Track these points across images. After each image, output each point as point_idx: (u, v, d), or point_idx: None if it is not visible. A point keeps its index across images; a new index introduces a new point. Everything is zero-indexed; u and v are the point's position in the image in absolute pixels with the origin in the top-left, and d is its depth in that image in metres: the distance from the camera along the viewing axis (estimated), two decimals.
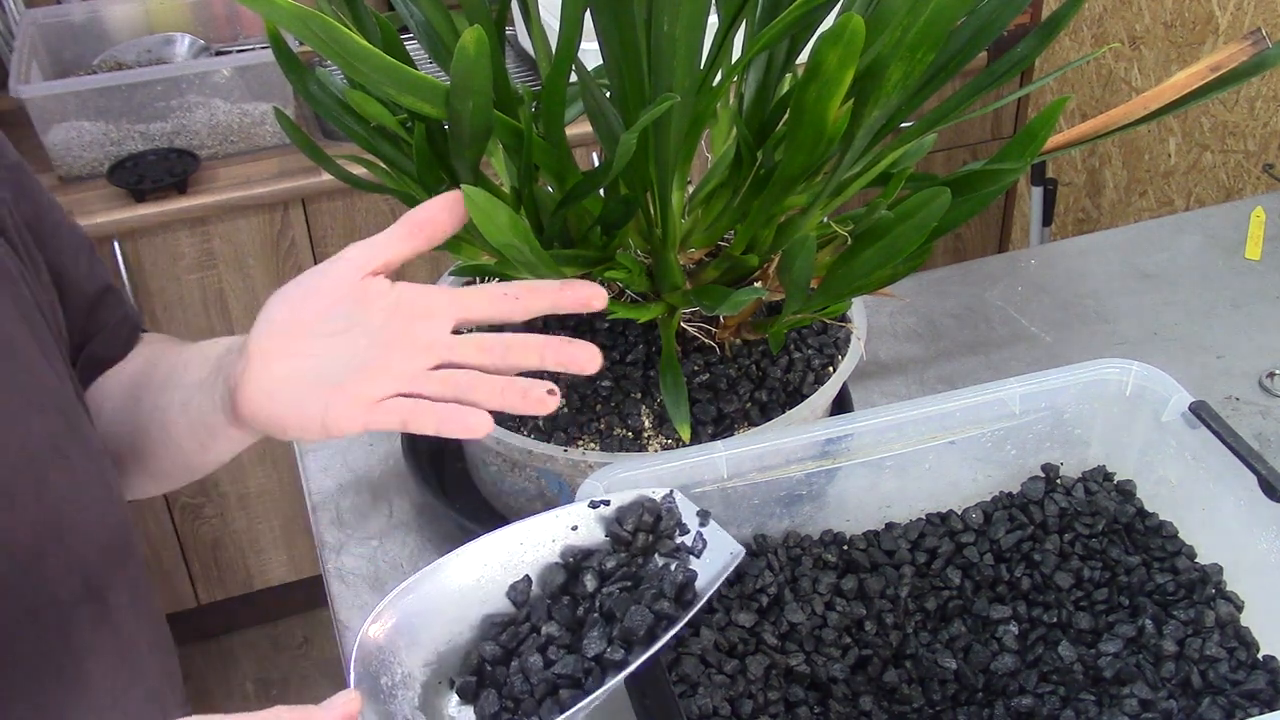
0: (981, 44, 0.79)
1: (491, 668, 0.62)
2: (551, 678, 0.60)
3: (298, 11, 0.64)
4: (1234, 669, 0.74)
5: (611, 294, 0.88)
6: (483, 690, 0.61)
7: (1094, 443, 0.88)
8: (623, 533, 0.67)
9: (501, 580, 0.65)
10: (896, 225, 0.74)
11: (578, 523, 0.67)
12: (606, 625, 0.62)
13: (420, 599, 0.62)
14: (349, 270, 0.64)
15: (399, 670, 0.60)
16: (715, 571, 0.66)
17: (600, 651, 0.61)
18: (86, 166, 1.71)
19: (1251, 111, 1.79)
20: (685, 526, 0.69)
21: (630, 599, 0.63)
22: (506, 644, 0.63)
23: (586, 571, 0.65)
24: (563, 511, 0.67)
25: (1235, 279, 1.26)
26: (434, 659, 0.62)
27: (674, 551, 0.67)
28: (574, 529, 0.67)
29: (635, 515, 0.67)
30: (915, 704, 0.75)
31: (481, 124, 0.72)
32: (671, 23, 0.66)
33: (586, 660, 0.61)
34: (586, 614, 0.63)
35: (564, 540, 0.67)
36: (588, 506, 0.67)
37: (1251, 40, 0.79)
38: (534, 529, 0.66)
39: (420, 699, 0.60)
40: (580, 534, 0.67)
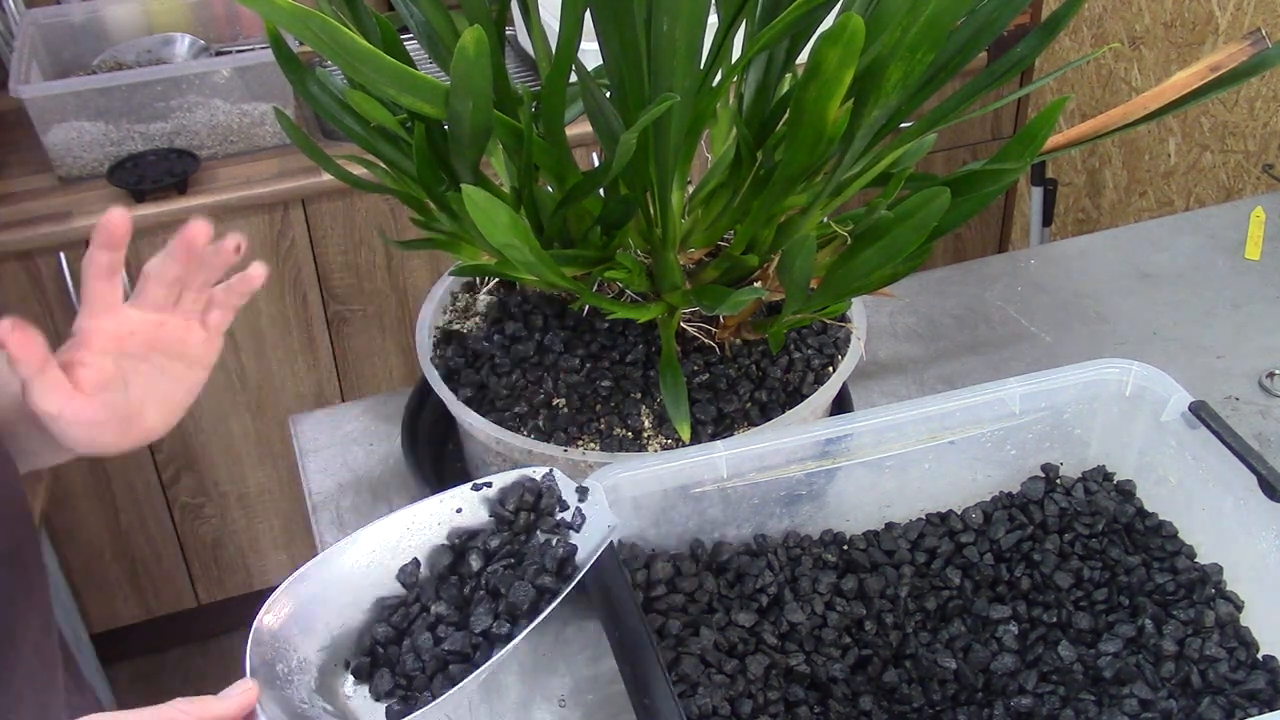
0: (981, 44, 0.79)
1: (384, 648, 0.64)
2: (442, 654, 0.63)
3: (298, 11, 0.64)
4: (1234, 669, 0.74)
5: (611, 294, 0.88)
6: (376, 670, 0.63)
7: (1094, 443, 0.88)
8: (505, 512, 0.69)
9: (391, 564, 0.67)
10: (896, 225, 0.74)
11: (462, 505, 0.69)
12: (493, 602, 0.65)
13: (313, 586, 0.64)
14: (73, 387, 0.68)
15: (294, 656, 0.62)
16: (594, 544, 0.68)
17: (487, 627, 0.63)
18: (86, 167, 1.71)
19: (1251, 111, 1.79)
20: (565, 503, 0.70)
21: (514, 575, 0.65)
22: (398, 624, 0.65)
23: (472, 551, 0.67)
24: (446, 495, 0.69)
25: (1235, 279, 1.26)
26: (328, 643, 0.64)
27: (554, 528, 0.69)
28: (458, 511, 0.69)
29: (517, 495, 0.70)
30: (915, 704, 0.75)
31: (481, 124, 0.72)
32: (671, 23, 0.67)
33: (474, 636, 0.63)
34: (473, 592, 0.66)
35: (449, 522, 0.69)
36: (470, 489, 0.69)
37: (1251, 40, 0.79)
38: (420, 513, 0.68)
39: (316, 681, 0.62)
40: (464, 515, 0.69)
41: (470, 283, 0.99)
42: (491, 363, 0.89)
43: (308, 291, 1.82)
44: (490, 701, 0.85)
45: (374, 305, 1.88)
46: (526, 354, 0.88)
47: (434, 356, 0.91)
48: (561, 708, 0.84)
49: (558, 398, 0.86)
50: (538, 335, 0.89)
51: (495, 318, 0.93)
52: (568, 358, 0.88)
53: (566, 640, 0.89)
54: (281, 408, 1.89)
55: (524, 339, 0.89)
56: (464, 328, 0.94)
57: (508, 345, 0.89)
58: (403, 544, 0.68)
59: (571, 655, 0.88)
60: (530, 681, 0.86)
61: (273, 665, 0.60)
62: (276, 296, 1.81)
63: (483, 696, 0.85)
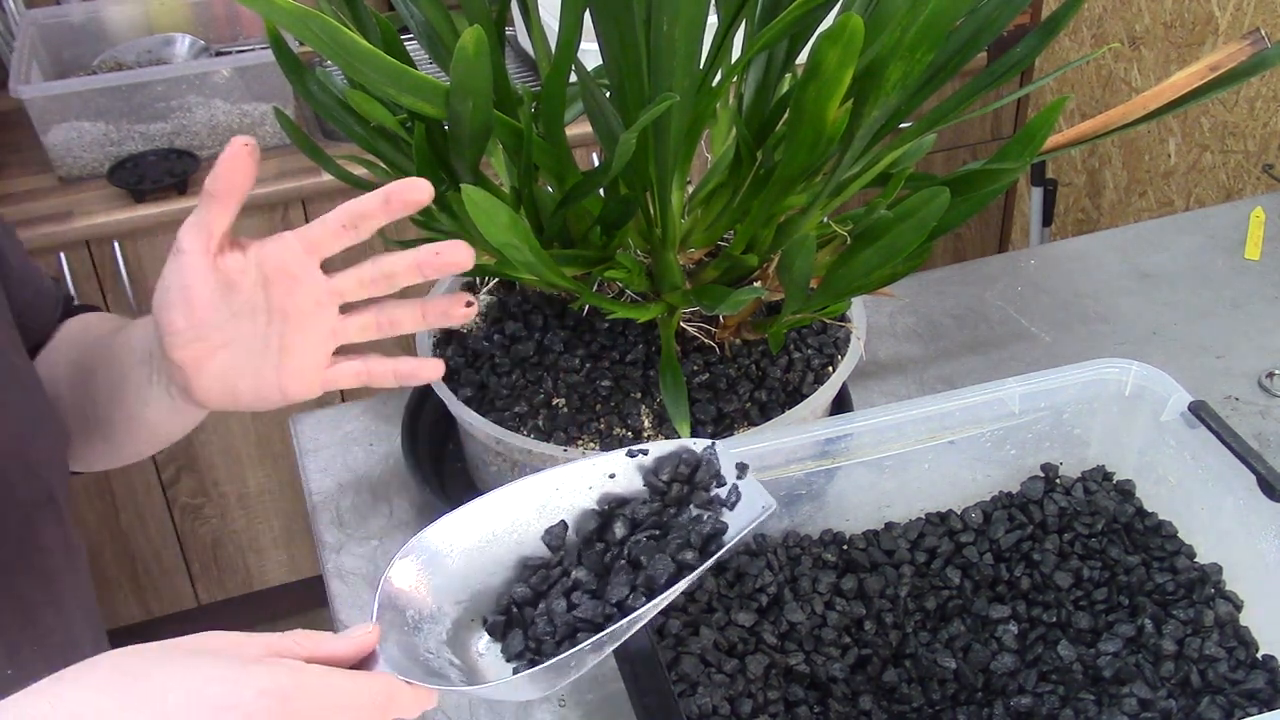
0: (981, 44, 0.79)
1: (520, 609, 0.62)
2: (573, 620, 0.61)
3: (298, 11, 0.64)
4: (1233, 668, 0.74)
5: (611, 294, 0.88)
6: (510, 630, 0.62)
7: (1093, 442, 0.88)
8: (658, 482, 0.67)
9: (537, 524, 0.65)
10: (896, 225, 0.74)
11: (615, 471, 0.67)
12: (632, 572, 0.63)
13: (454, 538, 0.62)
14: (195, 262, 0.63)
15: (429, 605, 0.60)
16: (744, 522, 0.65)
17: (623, 597, 0.61)
18: (86, 167, 1.71)
19: (1251, 111, 1.79)
20: (723, 479, 0.68)
21: (657, 547, 0.63)
22: (537, 586, 0.63)
23: (619, 519, 0.65)
24: (600, 459, 0.67)
25: (1235, 279, 1.26)
26: (466, 597, 0.62)
27: (708, 503, 0.67)
28: (611, 476, 0.67)
29: (672, 465, 0.67)
30: (915, 703, 0.75)
31: (481, 124, 0.72)
32: (671, 23, 0.67)
33: (609, 605, 0.61)
34: (614, 560, 0.64)
35: (601, 487, 0.67)
36: (626, 454, 0.67)
37: (1251, 40, 0.79)
38: (571, 475, 0.66)
39: (449, 634, 0.61)
40: (618, 482, 0.67)
41: (470, 283, 0.99)
42: (491, 363, 0.89)
43: None
44: (490, 701, 0.85)
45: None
46: (526, 354, 0.88)
47: (434, 356, 0.91)
48: (561, 707, 0.84)
49: (558, 398, 0.86)
50: (538, 335, 0.89)
51: (495, 318, 0.93)
52: (568, 358, 0.88)
53: None
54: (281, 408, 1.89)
55: (524, 339, 0.89)
56: (464, 328, 0.94)
57: (508, 345, 0.89)
58: (550, 504, 0.65)
59: None
60: None
61: (403, 610, 0.59)
62: None
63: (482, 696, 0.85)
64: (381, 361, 0.70)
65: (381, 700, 0.52)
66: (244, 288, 0.64)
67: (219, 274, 0.63)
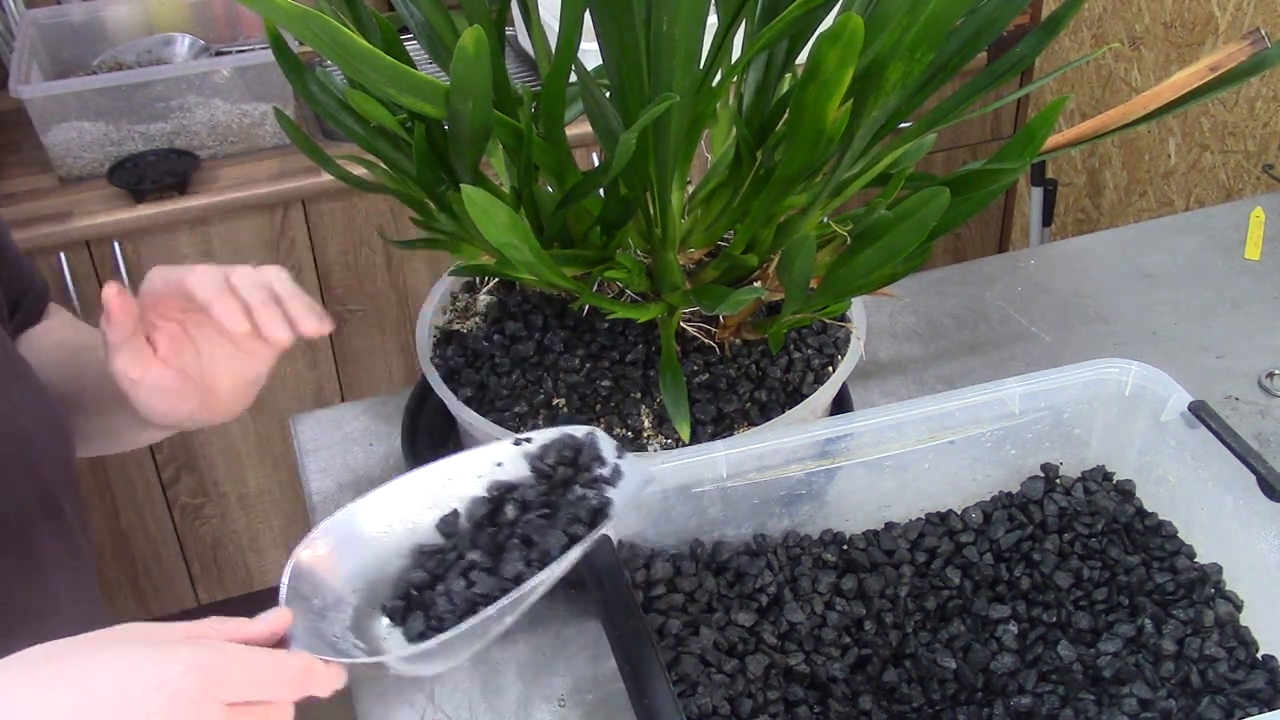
0: (981, 44, 0.79)
1: (419, 592, 0.65)
2: (473, 596, 0.64)
3: (298, 11, 0.64)
4: (1233, 668, 0.74)
5: (611, 294, 0.88)
6: (410, 613, 0.64)
7: (1093, 442, 0.88)
8: (544, 466, 0.70)
9: (431, 514, 0.68)
10: (896, 225, 0.74)
11: (502, 460, 0.70)
12: (525, 549, 0.66)
13: (353, 529, 0.66)
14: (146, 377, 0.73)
15: (331, 593, 0.63)
16: (630, 495, 0.69)
17: (518, 572, 0.64)
18: (86, 167, 1.71)
19: (1251, 111, 1.79)
20: (604, 460, 0.71)
21: (547, 525, 0.67)
22: (433, 571, 0.66)
23: (509, 502, 0.69)
24: (487, 449, 0.70)
25: (1235, 279, 1.26)
26: (364, 585, 0.65)
27: (592, 482, 0.70)
28: (499, 465, 0.70)
29: (557, 450, 0.70)
30: (915, 703, 0.75)
31: (481, 124, 0.72)
32: (671, 23, 0.67)
33: (505, 580, 0.64)
34: (507, 540, 0.67)
35: (490, 476, 0.70)
36: (511, 444, 0.70)
37: (1251, 40, 0.79)
38: (461, 465, 0.70)
39: (351, 620, 0.64)
40: (505, 469, 0.70)
41: (470, 283, 0.99)
42: (491, 363, 0.89)
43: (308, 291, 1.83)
44: (490, 701, 0.85)
45: (374, 305, 1.88)
46: (526, 354, 0.88)
47: (434, 356, 0.91)
48: (561, 707, 0.84)
49: (558, 398, 0.86)
50: (538, 335, 0.89)
51: (495, 318, 0.93)
52: (568, 358, 0.88)
53: (566, 640, 0.89)
54: (281, 408, 1.89)
55: (524, 339, 0.89)
56: (464, 328, 0.94)
57: (508, 345, 0.89)
58: (443, 494, 0.69)
59: (571, 655, 0.88)
60: (530, 681, 0.86)
61: (309, 599, 0.62)
62: None
63: (482, 696, 0.85)
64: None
65: (299, 675, 0.55)
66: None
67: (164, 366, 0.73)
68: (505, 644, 0.89)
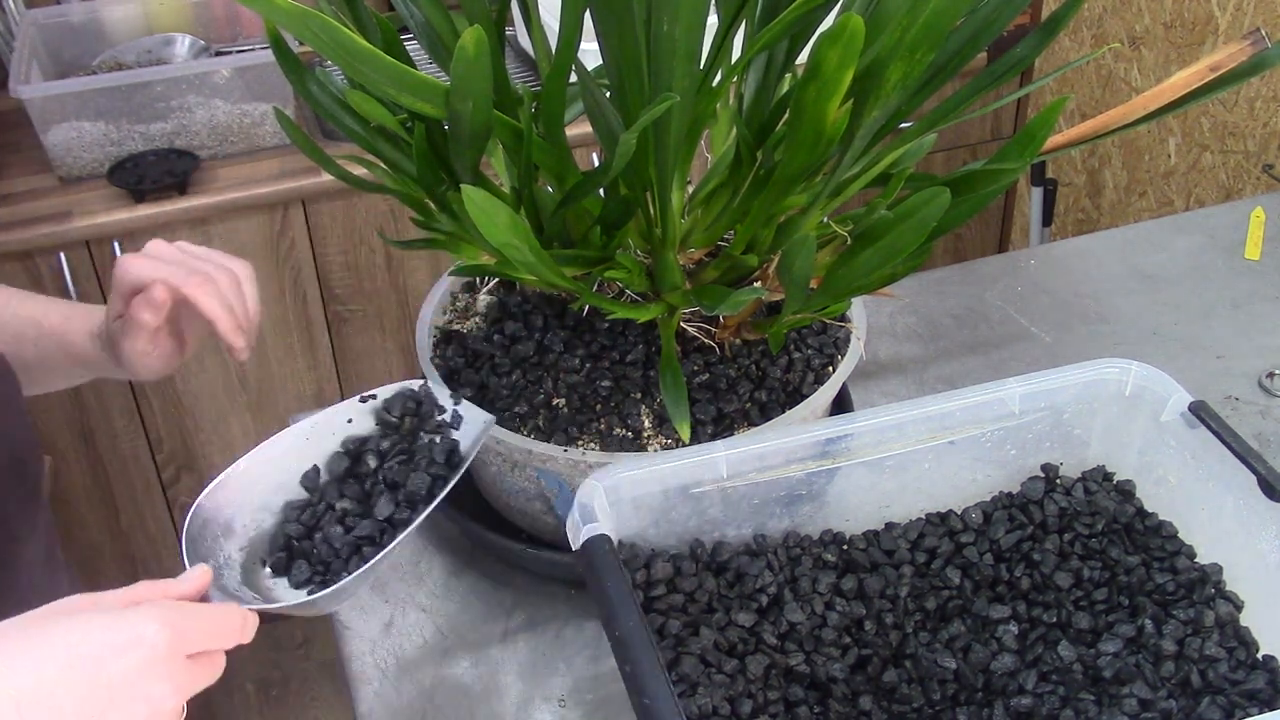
0: (981, 44, 0.79)
1: (298, 542, 0.73)
2: (353, 540, 0.72)
3: (298, 11, 0.64)
4: (1233, 669, 0.74)
5: (611, 294, 0.88)
6: (293, 563, 0.72)
7: (1094, 442, 0.88)
8: (391, 419, 0.79)
9: (295, 470, 0.76)
10: (896, 225, 0.74)
11: (352, 416, 0.79)
12: (392, 492, 0.74)
13: (228, 494, 0.73)
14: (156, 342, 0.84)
15: (220, 554, 0.71)
16: (474, 437, 0.78)
17: (390, 513, 0.73)
18: (86, 167, 1.71)
19: (1251, 111, 1.79)
20: (442, 407, 0.80)
21: (408, 469, 0.75)
22: (307, 522, 0.73)
23: (367, 454, 0.77)
24: (336, 408, 0.79)
25: (1235, 279, 1.26)
26: (246, 543, 0.73)
27: (437, 428, 0.79)
28: (349, 421, 0.78)
29: (400, 403, 0.79)
30: (915, 704, 0.75)
31: (481, 124, 0.72)
32: (671, 23, 0.67)
33: (380, 521, 0.73)
34: (373, 487, 0.75)
35: (343, 432, 0.78)
36: (358, 401, 0.79)
37: (1251, 40, 0.79)
38: (316, 425, 0.78)
39: (241, 577, 0.71)
40: (355, 425, 0.78)
41: (470, 283, 0.99)
42: (491, 363, 0.89)
43: (308, 291, 1.82)
44: (490, 701, 0.85)
45: (374, 305, 1.88)
46: (526, 354, 0.88)
47: (434, 356, 0.91)
48: (561, 707, 0.84)
49: (558, 398, 0.86)
50: (538, 335, 0.89)
51: (495, 318, 0.93)
52: (568, 358, 0.88)
53: (566, 640, 0.89)
54: (281, 408, 1.89)
55: (524, 339, 0.89)
56: (464, 328, 0.94)
57: (508, 345, 0.89)
58: (304, 453, 0.76)
59: (571, 655, 0.88)
60: (530, 681, 0.86)
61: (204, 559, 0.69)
62: (276, 296, 1.81)
63: (483, 696, 0.85)
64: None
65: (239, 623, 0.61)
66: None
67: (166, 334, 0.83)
68: (505, 644, 0.89)
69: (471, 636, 0.90)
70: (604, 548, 0.71)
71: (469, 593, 0.93)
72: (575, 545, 0.72)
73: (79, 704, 0.53)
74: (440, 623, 0.91)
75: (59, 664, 0.53)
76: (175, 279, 0.79)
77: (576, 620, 0.90)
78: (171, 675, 0.56)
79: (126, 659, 0.54)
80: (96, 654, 0.53)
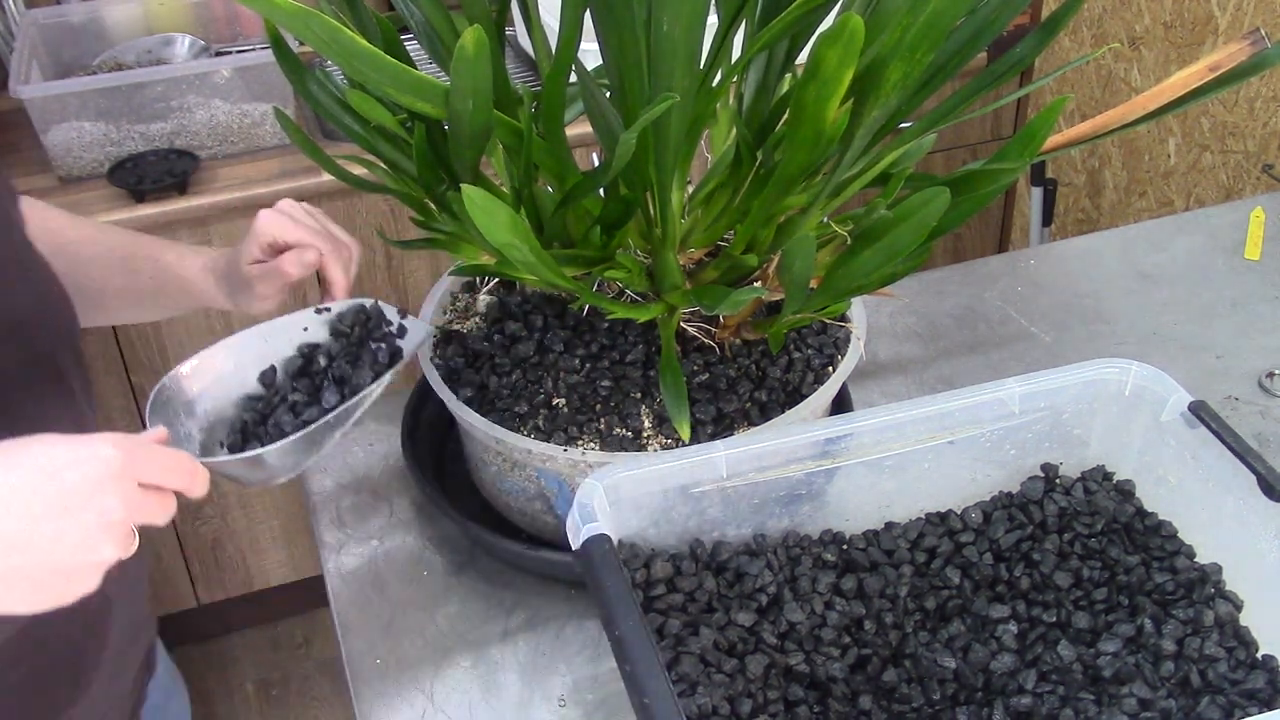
0: (981, 44, 0.79)
1: (252, 427, 0.80)
2: (301, 423, 0.79)
3: (298, 11, 0.64)
4: (1233, 668, 0.74)
5: (611, 294, 0.88)
6: (247, 443, 0.80)
7: (1093, 442, 0.88)
8: (343, 328, 0.86)
9: (253, 369, 0.84)
10: (896, 225, 0.74)
11: (308, 325, 0.87)
12: (339, 385, 0.82)
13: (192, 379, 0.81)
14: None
15: (181, 430, 0.79)
16: (416, 342, 0.87)
17: (336, 402, 0.80)
18: (86, 167, 1.71)
19: (1251, 112, 1.79)
20: (390, 321, 0.88)
21: (354, 367, 0.83)
22: (263, 410, 0.82)
23: (319, 355, 0.85)
24: (294, 316, 0.86)
25: (1235, 279, 1.26)
26: (207, 425, 0.81)
27: (383, 338, 0.86)
28: (305, 330, 0.86)
29: (352, 315, 0.87)
30: (914, 703, 0.75)
31: (481, 124, 0.72)
32: (671, 23, 0.67)
33: (325, 409, 0.80)
34: (322, 381, 0.83)
35: (298, 339, 0.86)
36: (313, 312, 0.87)
37: (1250, 40, 0.79)
38: (274, 329, 0.85)
39: (200, 455, 0.78)
40: (310, 334, 0.86)
41: (470, 283, 0.99)
42: (491, 363, 0.89)
43: (308, 291, 1.82)
44: (490, 701, 0.85)
45: None
46: (526, 354, 0.88)
47: (434, 356, 0.91)
48: (561, 707, 0.84)
49: (558, 398, 0.86)
50: (538, 335, 0.89)
51: (495, 318, 0.93)
52: (568, 358, 0.88)
53: (566, 640, 0.89)
54: None
55: (524, 339, 0.89)
56: (464, 328, 0.94)
57: (508, 345, 0.89)
58: (263, 354, 0.84)
59: (571, 655, 0.88)
60: (530, 681, 0.86)
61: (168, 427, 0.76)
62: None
63: (482, 696, 0.85)
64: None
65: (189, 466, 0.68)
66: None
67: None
68: (505, 644, 0.89)
69: (471, 636, 0.90)
70: (604, 547, 0.71)
71: (469, 593, 0.93)
72: (575, 545, 0.72)
73: (43, 507, 0.60)
74: (440, 623, 0.91)
75: (23, 472, 0.60)
76: (322, 247, 0.88)
77: (576, 620, 0.91)
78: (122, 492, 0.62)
79: (83, 470, 0.61)
80: (56, 466, 0.61)
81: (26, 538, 0.60)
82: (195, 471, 0.68)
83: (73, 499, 0.61)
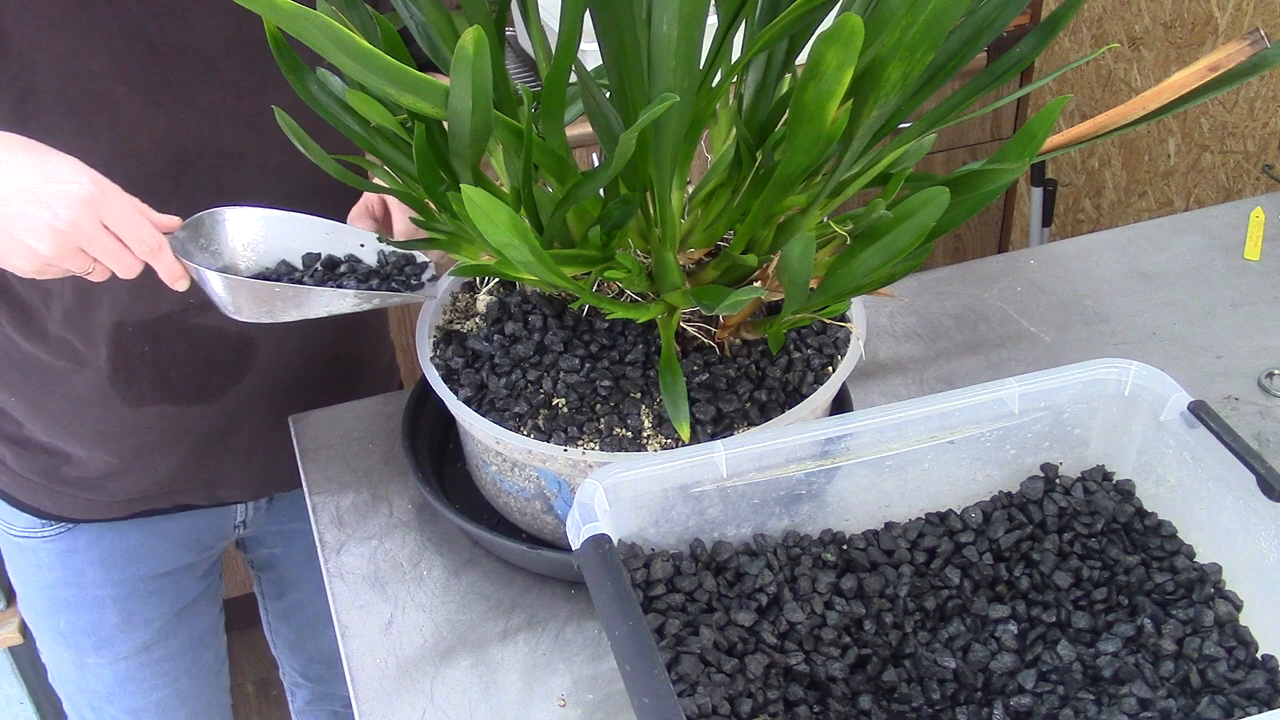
0: (981, 44, 0.79)
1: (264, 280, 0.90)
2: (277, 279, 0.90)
3: (298, 11, 0.64)
4: (1232, 668, 0.74)
5: (611, 294, 0.88)
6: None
7: (1093, 442, 0.88)
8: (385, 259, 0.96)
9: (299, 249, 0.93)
10: (896, 225, 0.74)
11: (365, 243, 0.96)
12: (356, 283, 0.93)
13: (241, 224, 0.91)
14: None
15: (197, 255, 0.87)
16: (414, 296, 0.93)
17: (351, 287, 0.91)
18: None
19: (1251, 112, 1.79)
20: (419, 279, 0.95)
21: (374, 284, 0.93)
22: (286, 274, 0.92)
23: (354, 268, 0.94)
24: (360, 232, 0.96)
25: (1235, 279, 1.26)
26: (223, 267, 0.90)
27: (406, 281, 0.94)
28: (361, 246, 0.96)
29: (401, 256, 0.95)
30: (914, 703, 0.75)
31: (481, 124, 0.72)
32: (671, 23, 0.67)
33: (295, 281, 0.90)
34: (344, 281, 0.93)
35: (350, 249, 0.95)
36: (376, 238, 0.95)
37: (1250, 40, 0.79)
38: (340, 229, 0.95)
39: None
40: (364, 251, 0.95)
41: (470, 283, 0.99)
42: (491, 363, 0.89)
43: None
44: (490, 701, 0.85)
45: None
46: (526, 354, 0.89)
47: (434, 356, 0.91)
48: (561, 707, 0.84)
49: (558, 398, 0.86)
50: (538, 335, 0.89)
51: (495, 318, 0.93)
52: (568, 358, 0.88)
53: (566, 640, 0.89)
54: None
55: (524, 339, 0.89)
56: (464, 328, 0.94)
57: (508, 345, 0.90)
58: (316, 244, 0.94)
59: (571, 655, 0.88)
60: (530, 681, 0.86)
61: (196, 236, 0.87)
62: None
63: (483, 696, 0.85)
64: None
65: (153, 239, 0.79)
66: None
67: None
68: (505, 644, 0.89)
69: (471, 636, 0.90)
70: (604, 547, 0.71)
71: (469, 593, 0.93)
72: (575, 545, 0.72)
73: (9, 190, 0.74)
74: (440, 622, 0.91)
75: (17, 158, 0.75)
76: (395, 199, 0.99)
77: (576, 620, 0.91)
78: (77, 214, 0.75)
79: (61, 180, 0.74)
80: (44, 167, 0.74)
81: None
82: (157, 245, 0.78)
83: (41, 192, 0.74)
